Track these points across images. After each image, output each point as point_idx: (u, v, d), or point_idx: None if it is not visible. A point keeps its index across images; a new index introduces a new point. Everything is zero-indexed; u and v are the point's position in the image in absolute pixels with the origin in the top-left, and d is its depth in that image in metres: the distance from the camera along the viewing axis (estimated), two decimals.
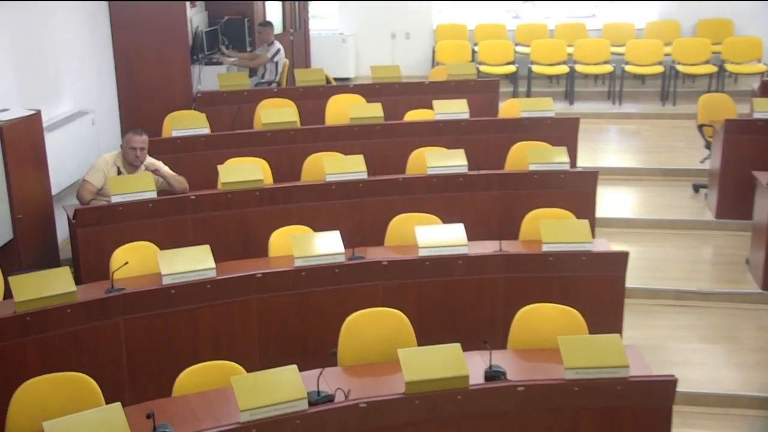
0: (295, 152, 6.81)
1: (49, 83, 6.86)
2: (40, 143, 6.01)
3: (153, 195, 5.68)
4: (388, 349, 4.09)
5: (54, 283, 4.30)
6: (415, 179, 6.15)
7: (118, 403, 3.31)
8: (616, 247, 5.31)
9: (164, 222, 5.67)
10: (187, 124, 6.92)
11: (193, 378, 3.79)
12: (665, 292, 6.12)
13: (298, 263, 4.82)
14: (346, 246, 4.92)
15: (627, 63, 10.33)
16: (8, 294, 4.52)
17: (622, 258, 5.00)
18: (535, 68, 10.38)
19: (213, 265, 4.65)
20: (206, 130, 6.95)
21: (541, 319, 4.28)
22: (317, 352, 4.55)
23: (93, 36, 7.76)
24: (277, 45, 9.28)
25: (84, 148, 7.04)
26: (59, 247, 6.37)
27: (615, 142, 9.30)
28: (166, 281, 4.55)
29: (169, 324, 4.55)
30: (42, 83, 6.70)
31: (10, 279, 4.26)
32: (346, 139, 7.00)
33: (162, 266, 4.56)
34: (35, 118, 5.94)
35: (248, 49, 9.72)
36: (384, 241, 5.44)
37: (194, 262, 4.63)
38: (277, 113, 7.15)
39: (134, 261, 4.82)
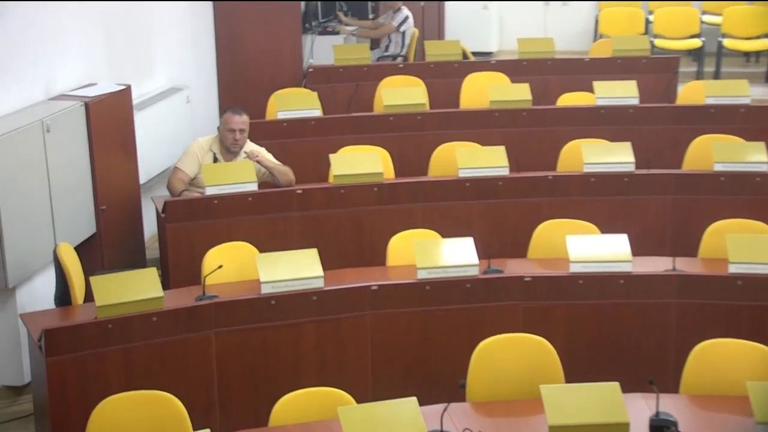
0: (422, 141, 6.86)
1: (140, 54, 7.18)
2: (129, 123, 6.32)
3: (253, 187, 5.85)
4: (528, 383, 4.07)
5: (139, 287, 4.50)
6: (569, 178, 6.09)
7: (207, 430, 3.43)
8: None
9: (265, 220, 5.83)
10: (295, 104, 7.10)
11: (293, 405, 3.88)
12: None
13: (422, 275, 4.86)
14: (480, 256, 4.92)
15: None
16: (89, 296, 4.77)
17: None
18: (727, 42, 10.04)
19: (321, 273, 4.75)
20: (318, 112, 7.10)
21: (724, 358, 4.15)
22: (442, 383, 4.56)
23: (190, 2, 8.06)
24: (405, 12, 9.37)
25: (177, 130, 7.33)
26: (146, 245, 6.67)
27: None
28: (265, 290, 4.68)
29: (268, 340, 4.68)
30: (132, 55, 7.02)
31: (92, 279, 4.49)
32: (484, 126, 6.99)
33: (261, 272, 4.69)
34: (125, 94, 6.24)
35: (370, 16, 9.86)
36: (527, 253, 5.41)
37: (299, 268, 4.74)
38: (402, 93, 7.23)
39: (229, 264, 4.99)
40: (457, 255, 4.91)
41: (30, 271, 5.33)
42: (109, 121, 6.04)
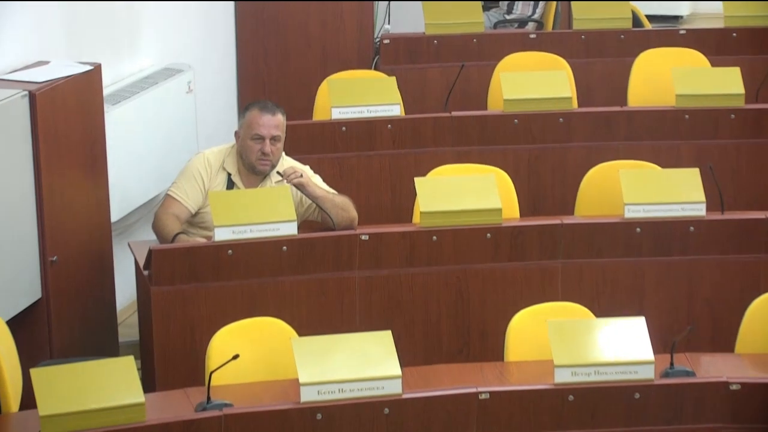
0: (565, 158, 6.91)
1: (118, 19, 7.24)
2: (97, 125, 6.39)
3: (291, 230, 5.88)
4: None
5: (108, 386, 4.52)
6: None
7: None
8: None
9: (309, 282, 5.87)
10: (360, 96, 7.15)
11: None
12: None
13: (562, 377, 4.82)
14: (656, 347, 4.88)
15: None
16: (28, 399, 4.81)
17: None
18: None
19: (398, 371, 4.74)
20: (397, 109, 7.16)
21: None
22: None
23: None
24: None
25: (172, 136, 7.43)
26: (118, 320, 6.73)
27: None
28: (307, 396, 4.68)
29: None
30: (105, 19, 7.08)
31: (33, 373, 4.52)
32: (665, 136, 7.03)
33: (301, 368, 4.69)
34: (92, 78, 6.31)
35: None
36: (735, 343, 5.35)
37: (362, 362, 4.74)
38: (534, 81, 7.25)
39: (250, 353, 5.01)
40: (619, 345, 4.88)
41: None
42: (67, 120, 6.11)
